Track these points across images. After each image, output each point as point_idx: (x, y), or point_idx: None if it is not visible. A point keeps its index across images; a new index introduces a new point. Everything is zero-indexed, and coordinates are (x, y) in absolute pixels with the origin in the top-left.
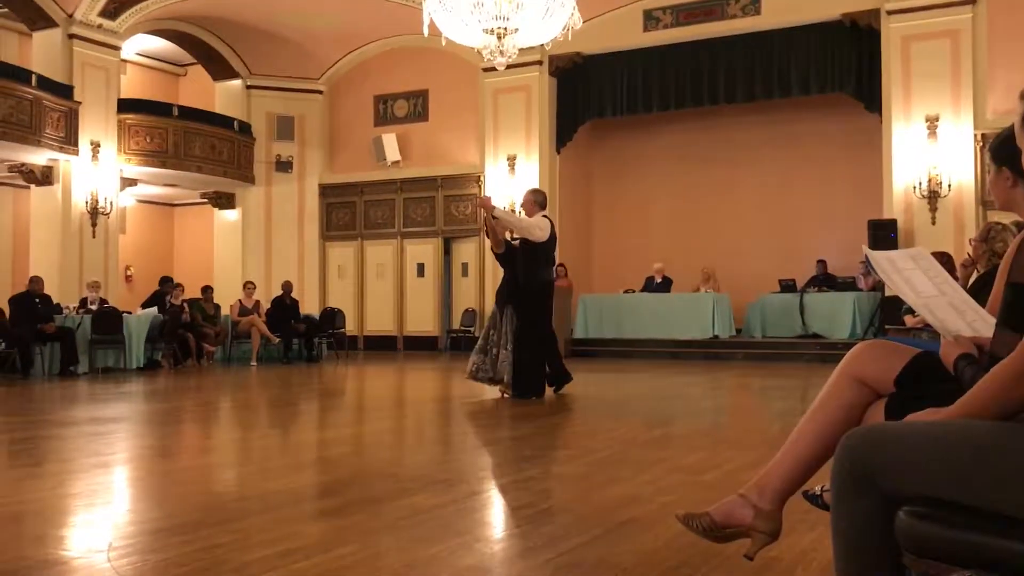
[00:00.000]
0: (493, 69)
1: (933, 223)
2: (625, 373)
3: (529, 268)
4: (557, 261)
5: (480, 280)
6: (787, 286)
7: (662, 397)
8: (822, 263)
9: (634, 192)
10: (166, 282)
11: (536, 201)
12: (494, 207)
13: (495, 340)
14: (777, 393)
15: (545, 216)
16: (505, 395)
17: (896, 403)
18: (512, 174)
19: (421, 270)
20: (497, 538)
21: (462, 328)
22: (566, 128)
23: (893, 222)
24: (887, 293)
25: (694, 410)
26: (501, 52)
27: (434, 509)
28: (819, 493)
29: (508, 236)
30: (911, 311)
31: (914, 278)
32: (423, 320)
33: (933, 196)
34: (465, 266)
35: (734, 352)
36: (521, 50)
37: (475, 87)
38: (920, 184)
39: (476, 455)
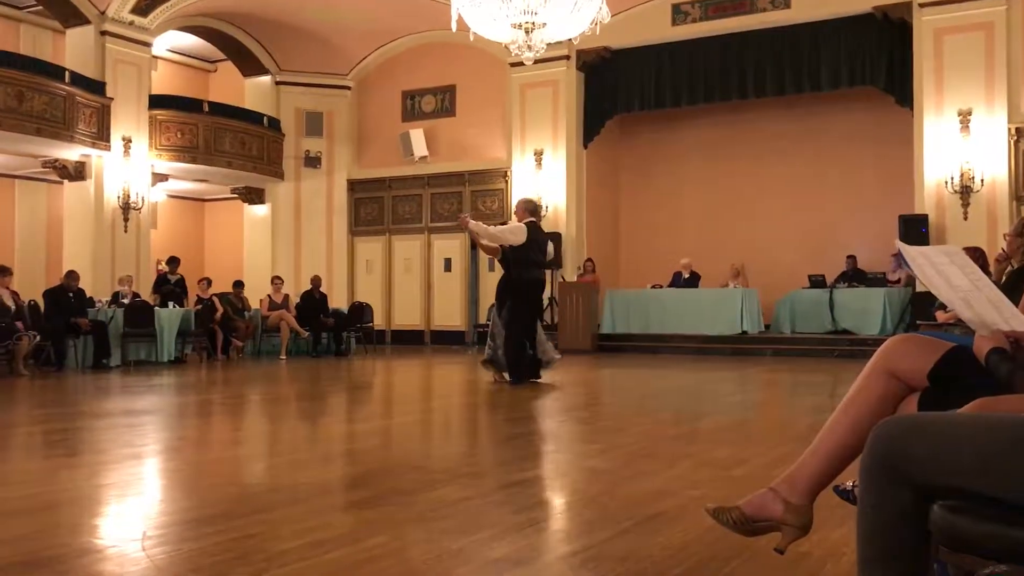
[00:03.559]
0: (520, 64)
1: (965, 218)
2: (652, 369)
3: (516, 268)
4: (585, 256)
5: None
6: (816, 281)
7: (690, 393)
8: (852, 258)
9: (662, 187)
10: (173, 261)
11: (526, 208)
12: (468, 222)
13: (494, 332)
14: (806, 389)
15: (531, 221)
16: (497, 380)
17: (930, 397)
18: (539, 169)
19: (448, 265)
20: (526, 531)
21: (488, 322)
22: (593, 123)
23: (924, 217)
24: (918, 288)
25: (722, 405)
26: (529, 47)
27: (462, 501)
28: (850, 488)
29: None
30: (943, 307)
31: (949, 272)
32: (450, 314)
33: (965, 191)
34: (492, 261)
35: (763, 348)
36: (549, 45)
37: (502, 82)
38: (952, 179)
39: (503, 448)
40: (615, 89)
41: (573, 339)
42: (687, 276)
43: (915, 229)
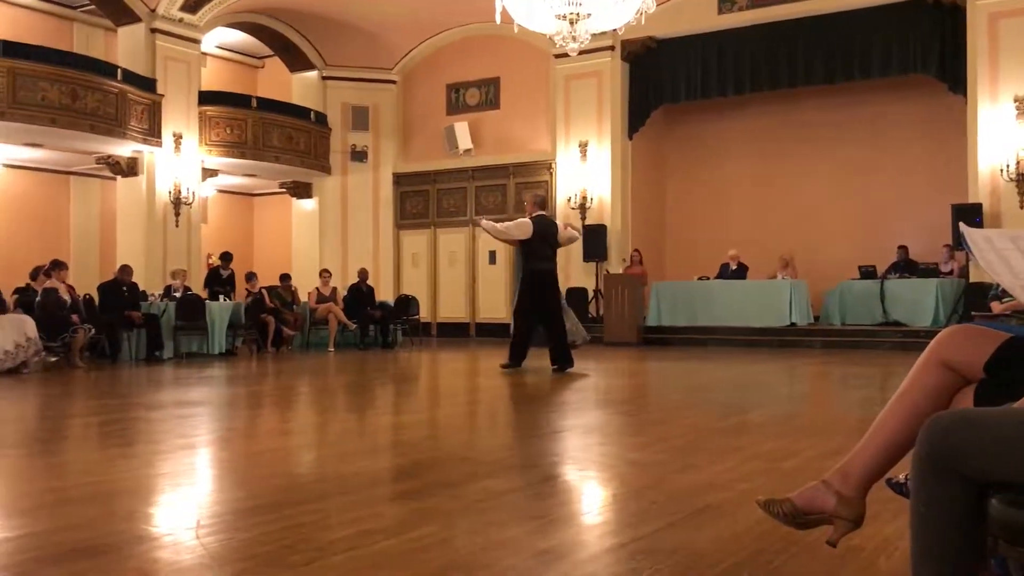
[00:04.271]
0: (565, 55)
1: (1022, 207)
2: (699, 361)
3: (525, 261)
4: (631, 248)
5: None
6: (867, 272)
7: (737, 385)
8: (903, 249)
9: (708, 177)
10: (226, 257)
11: (534, 202)
12: (480, 221)
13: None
14: (856, 381)
15: (540, 215)
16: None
17: (986, 390)
18: (584, 161)
19: (493, 257)
20: (573, 523)
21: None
22: (638, 113)
23: (978, 206)
24: (972, 279)
25: (771, 398)
26: (573, 38)
27: (509, 493)
28: (903, 481)
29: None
30: (998, 297)
31: (1012, 258)
32: (495, 307)
33: (1022, 179)
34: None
35: (812, 340)
36: (593, 35)
37: (546, 74)
38: (1008, 167)
39: (549, 440)
40: (660, 79)
41: (618, 331)
42: (734, 267)
43: (969, 218)
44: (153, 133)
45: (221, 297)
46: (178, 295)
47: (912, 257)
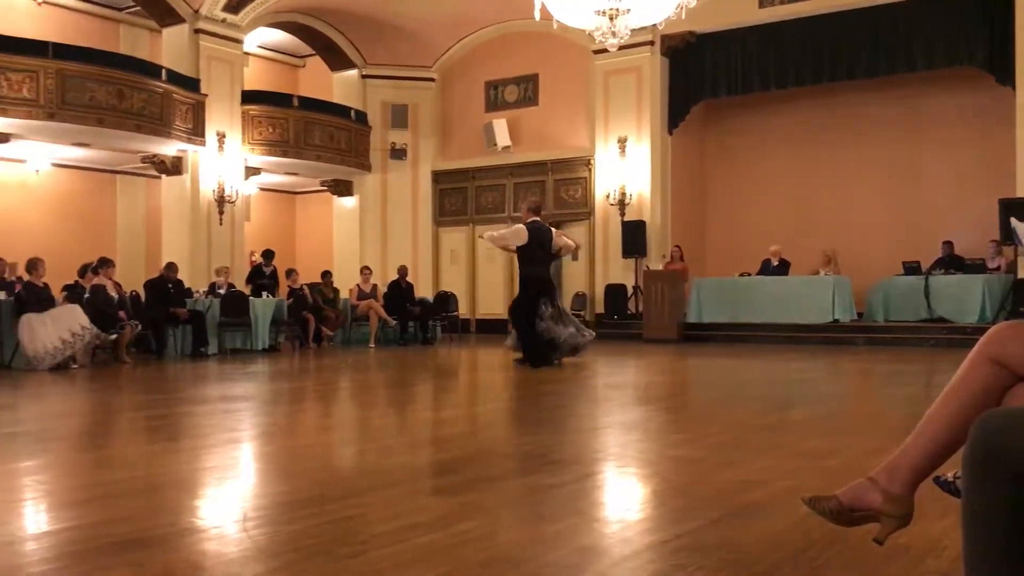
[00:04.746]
0: (604, 51)
1: None
2: (740, 358)
3: (521, 266)
4: (672, 244)
5: (590, 264)
6: (911, 268)
7: (779, 382)
8: (948, 244)
9: (750, 172)
10: (268, 254)
11: (530, 209)
12: (483, 235)
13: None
14: (901, 379)
15: (534, 221)
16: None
17: None
18: (623, 157)
19: None
20: (615, 518)
21: (572, 311)
22: (678, 109)
23: None
24: (1021, 275)
25: (813, 395)
26: (613, 33)
27: (551, 488)
28: (952, 480)
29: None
30: None
31: None
32: None
33: None
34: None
35: (855, 337)
36: (633, 31)
37: (585, 70)
38: None
39: (590, 436)
40: (701, 74)
41: (658, 328)
42: (776, 264)
43: (1017, 213)
44: (197, 132)
45: (264, 294)
46: (222, 292)
47: (958, 253)
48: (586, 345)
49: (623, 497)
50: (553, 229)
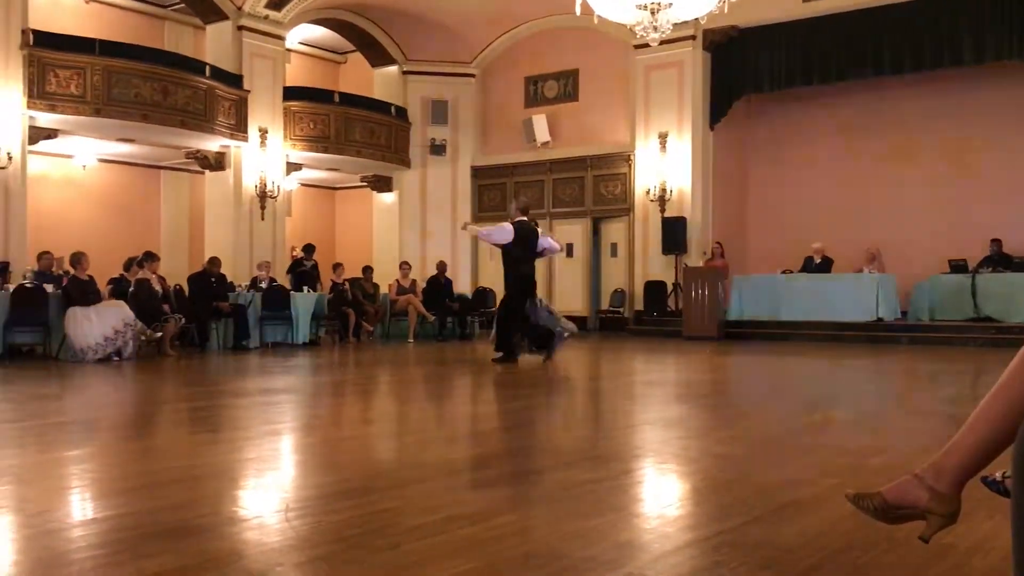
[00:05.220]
0: (645, 46)
1: None
2: (782, 356)
3: (505, 264)
4: (712, 240)
5: (630, 261)
6: (958, 266)
7: (822, 381)
8: (996, 242)
9: (792, 168)
10: (308, 248)
11: (517, 208)
12: (466, 226)
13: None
14: (946, 379)
15: (521, 220)
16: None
17: None
18: (663, 152)
19: (570, 250)
20: (655, 514)
21: (611, 308)
22: (720, 104)
23: None
24: None
25: (856, 394)
26: (655, 28)
27: (590, 483)
28: (1000, 479)
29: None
30: None
31: None
32: (572, 300)
33: None
34: (614, 246)
35: (899, 336)
36: (674, 25)
37: (626, 65)
38: None
39: (629, 433)
40: (743, 69)
41: (698, 325)
42: (819, 261)
43: None
44: (240, 128)
45: (305, 288)
46: (264, 286)
47: (1006, 251)
48: (566, 338)
49: (663, 493)
50: (539, 229)
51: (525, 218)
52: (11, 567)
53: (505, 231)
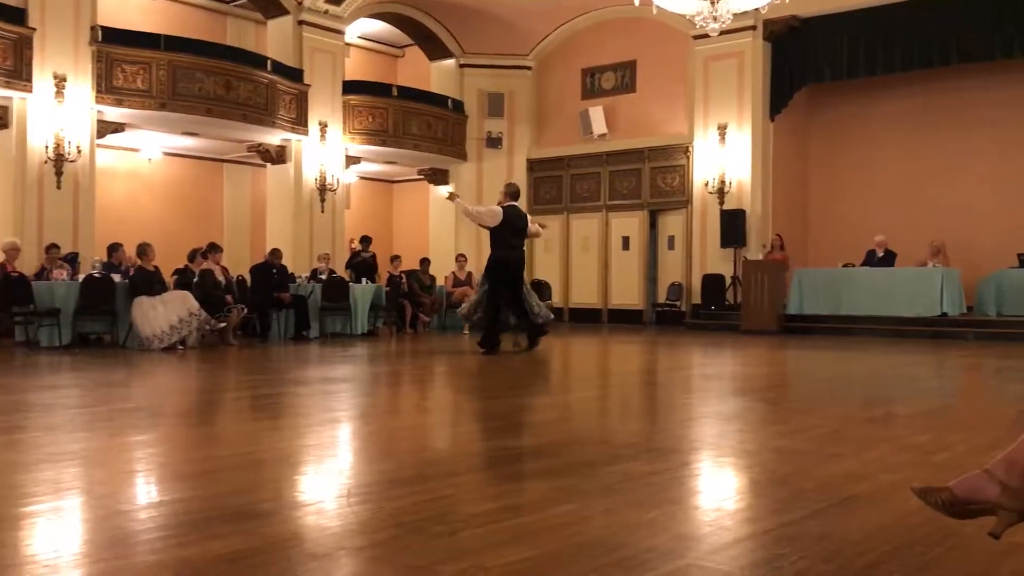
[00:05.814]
0: (704, 36)
1: None
2: (842, 351)
3: (493, 247)
4: (772, 233)
5: (687, 254)
6: None
7: (884, 376)
8: None
9: (854, 160)
10: (365, 240)
11: (506, 192)
12: (458, 200)
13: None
14: (1013, 375)
15: (511, 205)
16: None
17: None
18: (723, 144)
19: (626, 243)
20: (714, 507)
21: (668, 302)
22: (781, 95)
23: None
24: None
25: (919, 390)
26: (715, 18)
27: (649, 476)
28: None
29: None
30: None
31: None
32: (628, 293)
33: None
34: (672, 239)
35: (964, 331)
36: (735, 15)
37: (684, 56)
38: None
39: (687, 426)
40: (804, 59)
41: (757, 319)
42: (881, 254)
43: None
44: (300, 122)
45: (363, 280)
46: (324, 277)
47: None
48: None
49: (721, 486)
50: (527, 215)
51: (516, 204)
52: (83, 546)
53: (496, 214)
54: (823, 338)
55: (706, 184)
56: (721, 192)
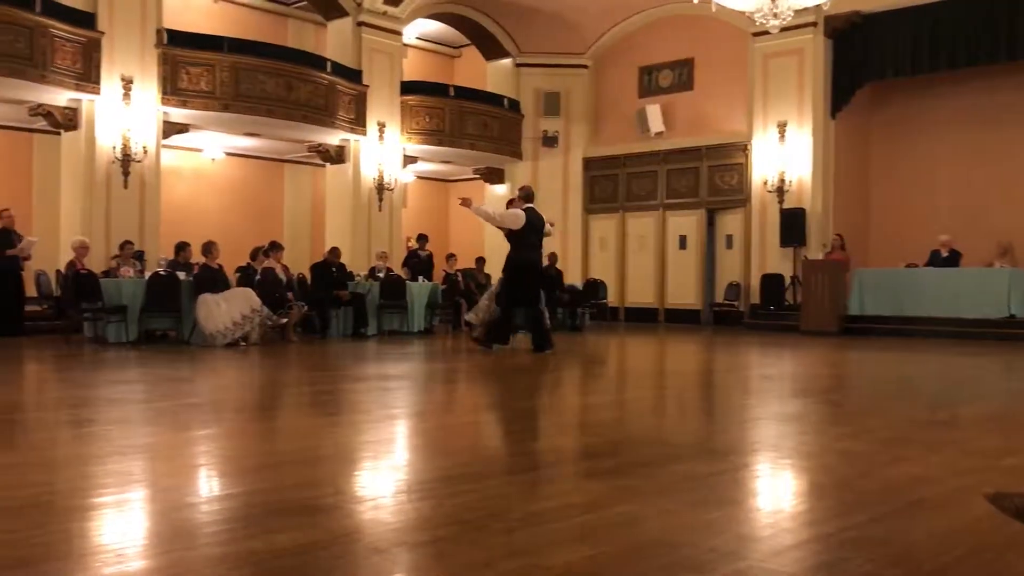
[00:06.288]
0: (764, 33)
1: None
2: (905, 352)
3: (513, 249)
4: (833, 233)
5: (746, 253)
6: None
7: (949, 378)
8: None
9: (918, 158)
10: (422, 238)
11: (521, 196)
12: (470, 204)
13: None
14: None
15: (530, 207)
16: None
17: None
18: (782, 142)
19: (683, 242)
20: (776, 509)
21: (726, 302)
22: (842, 92)
23: None
24: None
25: (986, 393)
26: (775, 15)
27: (709, 476)
28: None
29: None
30: None
31: None
32: (685, 293)
33: None
34: (730, 238)
35: None
36: (796, 12)
37: (743, 53)
38: None
39: (746, 427)
40: (866, 55)
41: (817, 320)
42: (946, 254)
43: None
44: (359, 122)
45: (420, 278)
46: (382, 275)
47: None
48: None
49: (782, 488)
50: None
51: (532, 205)
52: (150, 537)
53: (518, 217)
54: (885, 339)
55: (765, 183)
56: (780, 191)
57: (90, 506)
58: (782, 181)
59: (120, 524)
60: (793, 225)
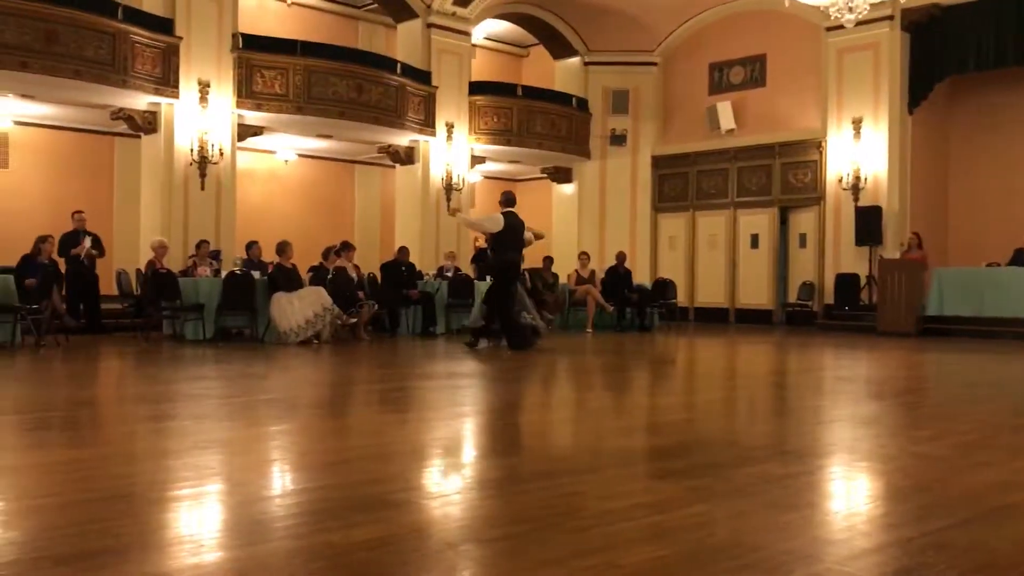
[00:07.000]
0: (839, 28)
1: None
2: (986, 354)
3: (495, 252)
4: (910, 231)
5: (820, 252)
6: None
7: None
8: None
9: (1000, 154)
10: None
11: (501, 201)
12: (457, 211)
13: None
14: None
15: (509, 211)
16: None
17: None
18: (857, 139)
19: (755, 241)
20: (852, 512)
21: (799, 302)
22: (920, 87)
23: None
24: None
25: None
26: (850, 9)
27: (783, 478)
28: None
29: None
30: None
31: None
32: (756, 292)
33: None
34: (803, 237)
35: None
36: (872, 5)
37: (817, 48)
38: None
39: (821, 429)
40: (945, 49)
41: (894, 321)
42: None
43: None
44: (428, 123)
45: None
46: (450, 275)
47: None
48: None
49: (859, 491)
50: (523, 221)
51: (512, 210)
52: (226, 530)
53: (497, 220)
54: (965, 341)
55: (840, 180)
56: (856, 188)
57: (170, 498)
58: (857, 178)
59: (198, 516)
60: (868, 223)
